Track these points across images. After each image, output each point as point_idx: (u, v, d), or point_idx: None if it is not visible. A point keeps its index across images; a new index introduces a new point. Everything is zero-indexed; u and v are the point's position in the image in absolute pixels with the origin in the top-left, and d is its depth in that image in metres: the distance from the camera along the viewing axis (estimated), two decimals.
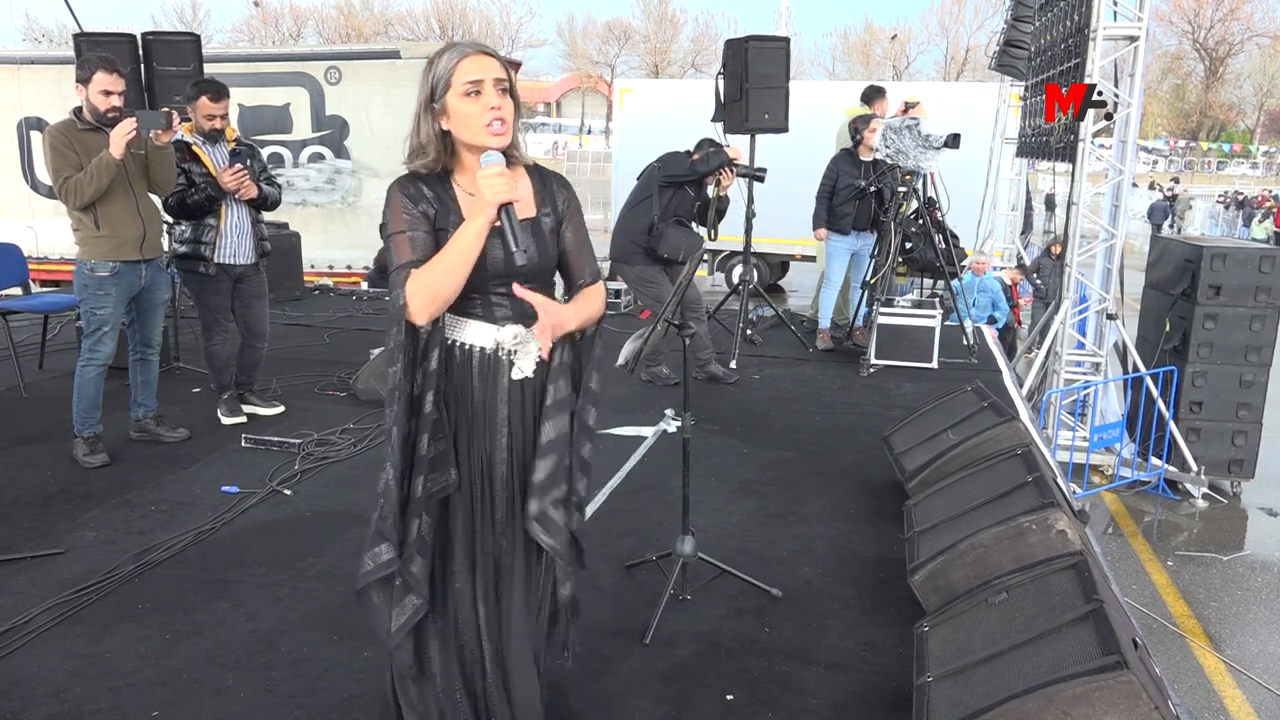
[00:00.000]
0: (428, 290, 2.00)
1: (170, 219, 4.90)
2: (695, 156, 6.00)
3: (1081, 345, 8.17)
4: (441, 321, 2.08)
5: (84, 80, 4.27)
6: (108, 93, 4.26)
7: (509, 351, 2.14)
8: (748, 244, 7.28)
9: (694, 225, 6.13)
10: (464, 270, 2.01)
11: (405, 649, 2.15)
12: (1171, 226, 27.53)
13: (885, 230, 6.67)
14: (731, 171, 5.95)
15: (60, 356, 6.30)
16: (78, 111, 4.32)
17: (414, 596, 2.10)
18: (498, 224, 2.01)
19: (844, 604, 3.31)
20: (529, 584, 2.26)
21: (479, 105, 2.04)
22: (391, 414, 2.05)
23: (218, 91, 4.79)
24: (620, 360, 3.16)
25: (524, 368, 2.15)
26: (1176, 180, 34.30)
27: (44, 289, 10.37)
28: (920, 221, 6.75)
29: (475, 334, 2.13)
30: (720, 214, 6.18)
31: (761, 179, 6.28)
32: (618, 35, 60.73)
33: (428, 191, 2.09)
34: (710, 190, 6.09)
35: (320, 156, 11.44)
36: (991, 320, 10.03)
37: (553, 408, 2.17)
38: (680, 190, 5.92)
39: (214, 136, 4.83)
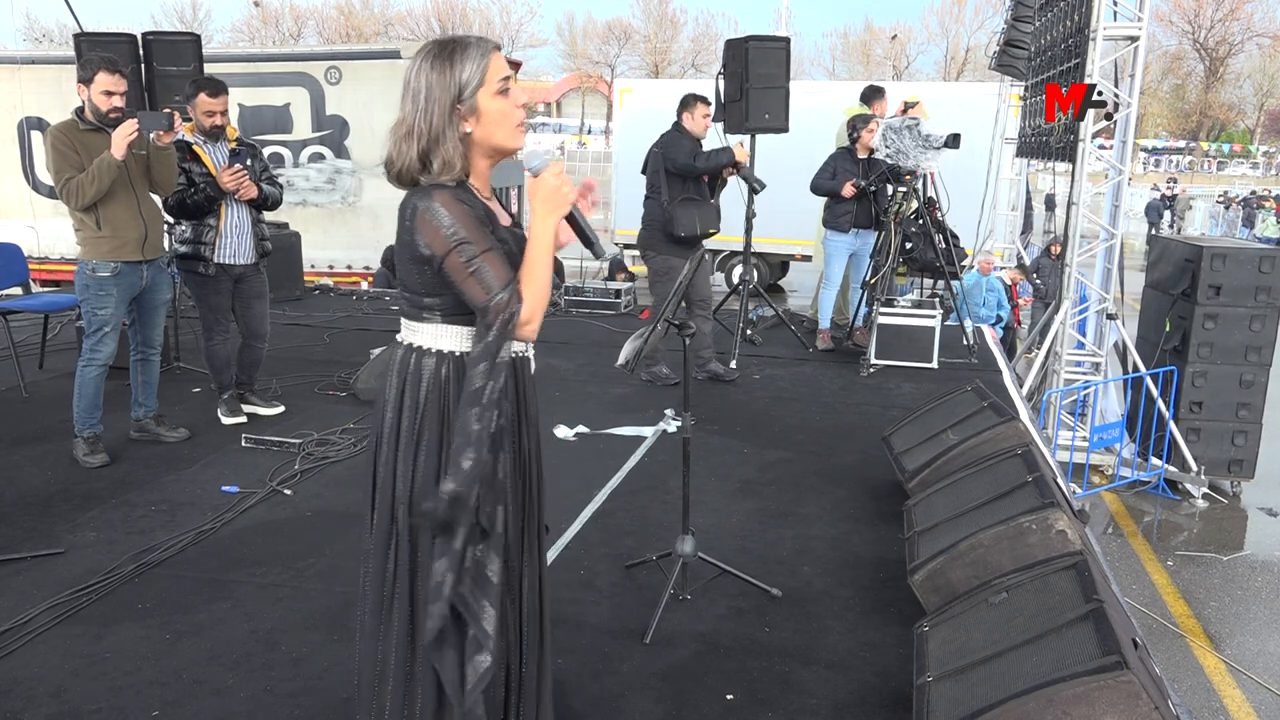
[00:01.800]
0: (541, 304, 1.92)
1: (171, 219, 4.90)
2: (683, 116, 5.96)
3: (1081, 345, 8.16)
4: None
5: (86, 80, 4.27)
6: (109, 93, 4.26)
7: (526, 346, 2.11)
8: (748, 244, 7.28)
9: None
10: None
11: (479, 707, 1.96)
12: (1171, 226, 27.53)
13: (885, 230, 6.68)
14: (735, 169, 5.94)
15: (60, 356, 6.30)
16: (79, 112, 4.33)
17: (485, 655, 1.91)
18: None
19: (844, 604, 3.31)
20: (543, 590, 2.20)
21: (510, 104, 1.96)
22: (477, 460, 1.85)
23: (215, 88, 4.78)
24: (620, 360, 3.15)
25: (532, 359, 2.14)
26: (1174, 180, 34.33)
27: (44, 289, 10.37)
28: (920, 221, 6.75)
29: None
30: (723, 185, 6.16)
31: (758, 191, 6.24)
32: (618, 35, 60.72)
33: (475, 202, 1.96)
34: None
35: (320, 156, 11.44)
36: (999, 319, 10.04)
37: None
38: (707, 177, 5.93)
39: (215, 134, 4.83)
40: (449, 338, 2.01)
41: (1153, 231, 23.81)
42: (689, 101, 6.01)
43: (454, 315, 1.99)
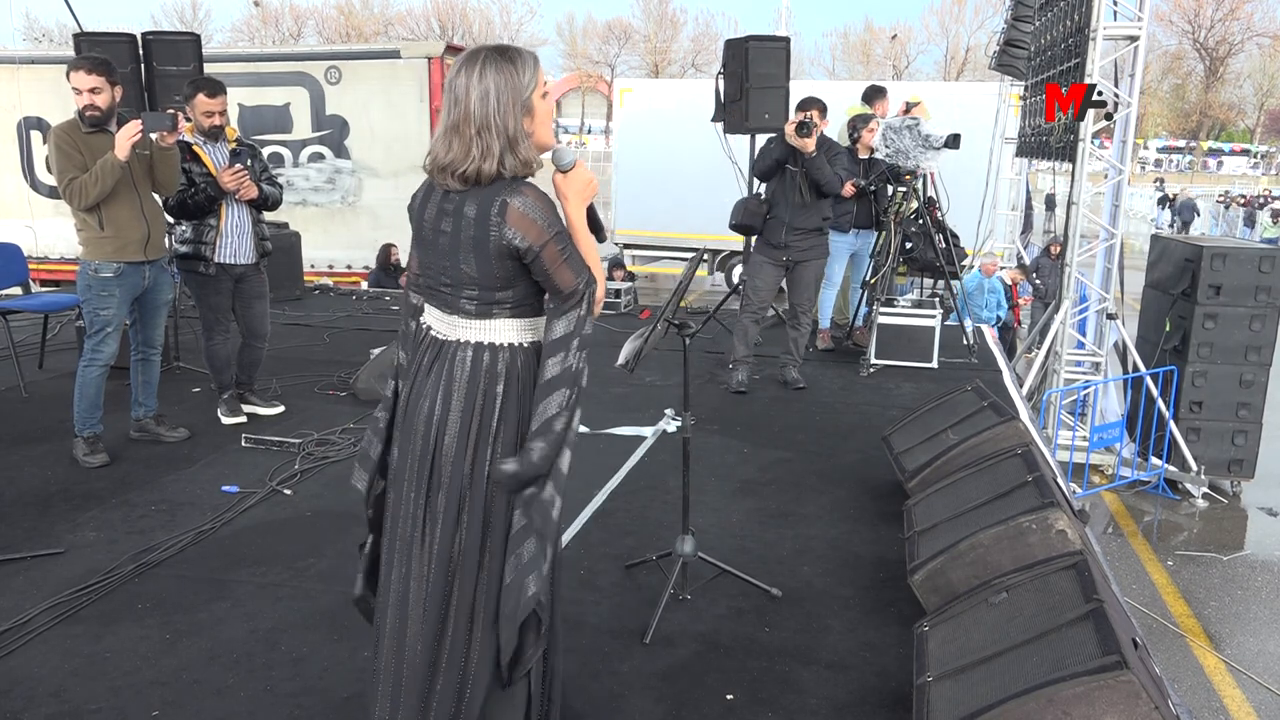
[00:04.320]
0: (604, 282, 2.13)
1: (171, 219, 4.90)
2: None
3: (1081, 345, 8.17)
4: None
5: (68, 79, 4.28)
6: (78, 90, 4.24)
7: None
8: (748, 244, 7.27)
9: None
10: None
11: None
12: (1171, 226, 27.57)
13: (885, 230, 6.68)
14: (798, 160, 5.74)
15: (60, 356, 6.30)
16: (81, 113, 4.33)
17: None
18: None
19: (844, 604, 3.31)
20: None
21: (549, 106, 2.08)
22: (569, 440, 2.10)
23: (213, 88, 4.78)
24: (620, 360, 3.15)
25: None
26: (1161, 180, 34.37)
27: (44, 289, 10.38)
28: (920, 221, 6.75)
29: None
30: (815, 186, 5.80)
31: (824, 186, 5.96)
32: (618, 35, 60.70)
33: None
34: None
35: (320, 156, 11.46)
36: (998, 320, 10.05)
37: None
38: (780, 173, 5.87)
39: (214, 134, 4.83)
40: (515, 330, 2.11)
41: (1169, 230, 23.79)
42: (799, 103, 5.96)
43: (519, 307, 2.09)
